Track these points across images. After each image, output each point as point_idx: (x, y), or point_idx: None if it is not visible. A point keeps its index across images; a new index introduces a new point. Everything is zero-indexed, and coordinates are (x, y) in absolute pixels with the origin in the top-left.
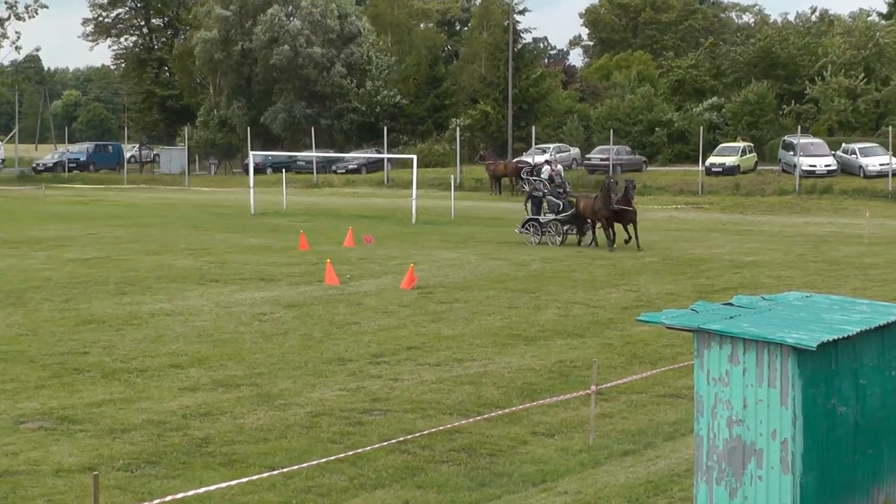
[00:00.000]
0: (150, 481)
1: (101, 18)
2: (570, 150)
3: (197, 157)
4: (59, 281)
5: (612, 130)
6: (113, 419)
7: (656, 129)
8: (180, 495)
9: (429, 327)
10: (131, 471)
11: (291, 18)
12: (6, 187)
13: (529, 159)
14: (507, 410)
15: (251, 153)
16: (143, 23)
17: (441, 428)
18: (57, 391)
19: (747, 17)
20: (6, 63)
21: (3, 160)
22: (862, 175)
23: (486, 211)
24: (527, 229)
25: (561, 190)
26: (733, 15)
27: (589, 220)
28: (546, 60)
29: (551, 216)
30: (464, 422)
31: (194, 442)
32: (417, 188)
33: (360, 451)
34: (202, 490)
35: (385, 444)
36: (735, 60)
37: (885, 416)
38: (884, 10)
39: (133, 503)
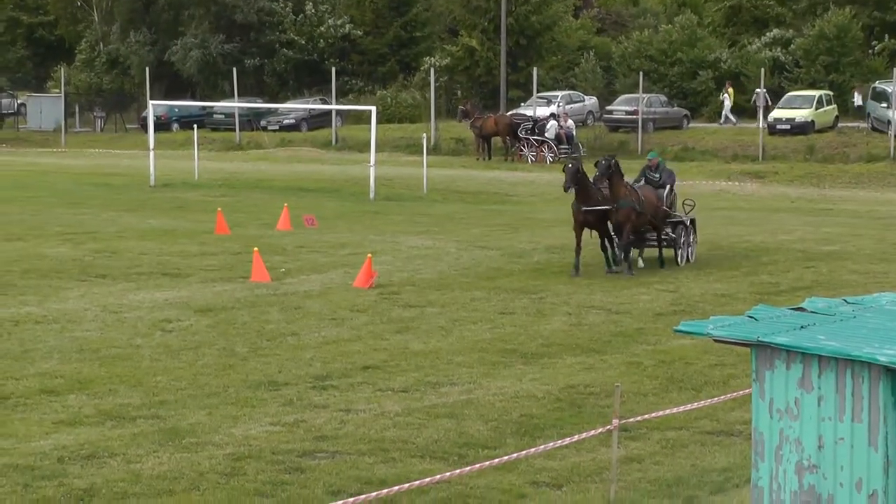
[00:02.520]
0: None
1: None
2: (584, 101)
3: (77, 109)
4: None
5: (641, 74)
6: None
7: (701, 71)
8: None
9: (392, 340)
10: None
11: None
12: None
13: (529, 112)
14: (498, 454)
15: (151, 103)
16: None
17: (411, 481)
18: None
19: None
20: None
21: None
22: None
23: (471, 182)
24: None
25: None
26: None
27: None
28: None
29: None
30: (440, 469)
31: (74, 494)
32: (377, 151)
33: None
34: None
35: (335, 498)
36: None
37: None
38: None
39: None
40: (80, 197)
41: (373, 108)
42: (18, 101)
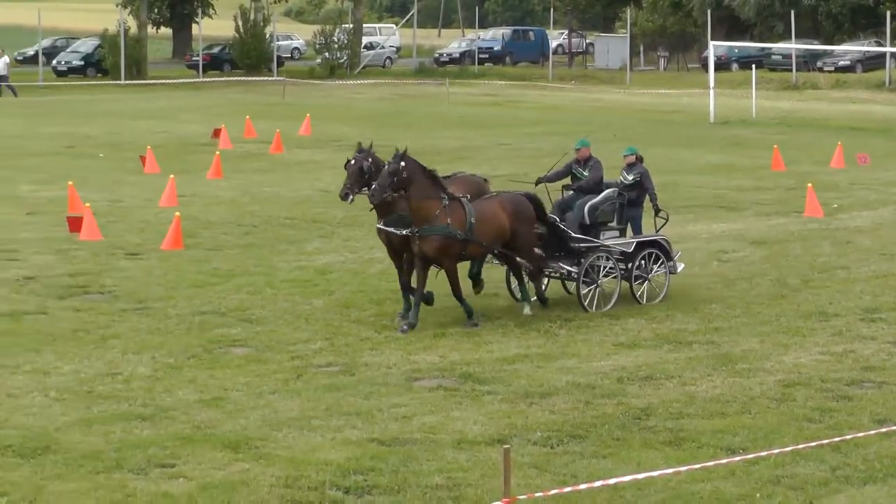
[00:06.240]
0: (573, 460)
1: None
2: None
3: (642, 48)
4: None
5: None
6: (529, 380)
7: None
8: (612, 480)
9: None
10: (551, 446)
11: None
12: (402, 82)
13: None
14: None
15: (711, 44)
16: None
17: None
18: (459, 342)
19: None
20: None
21: (399, 49)
22: None
23: None
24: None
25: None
26: None
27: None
28: None
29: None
30: None
31: (631, 413)
32: None
33: (845, 434)
34: (641, 476)
35: (879, 426)
36: None
37: None
38: None
39: (553, 486)
40: (640, 132)
41: None
42: (587, 41)
